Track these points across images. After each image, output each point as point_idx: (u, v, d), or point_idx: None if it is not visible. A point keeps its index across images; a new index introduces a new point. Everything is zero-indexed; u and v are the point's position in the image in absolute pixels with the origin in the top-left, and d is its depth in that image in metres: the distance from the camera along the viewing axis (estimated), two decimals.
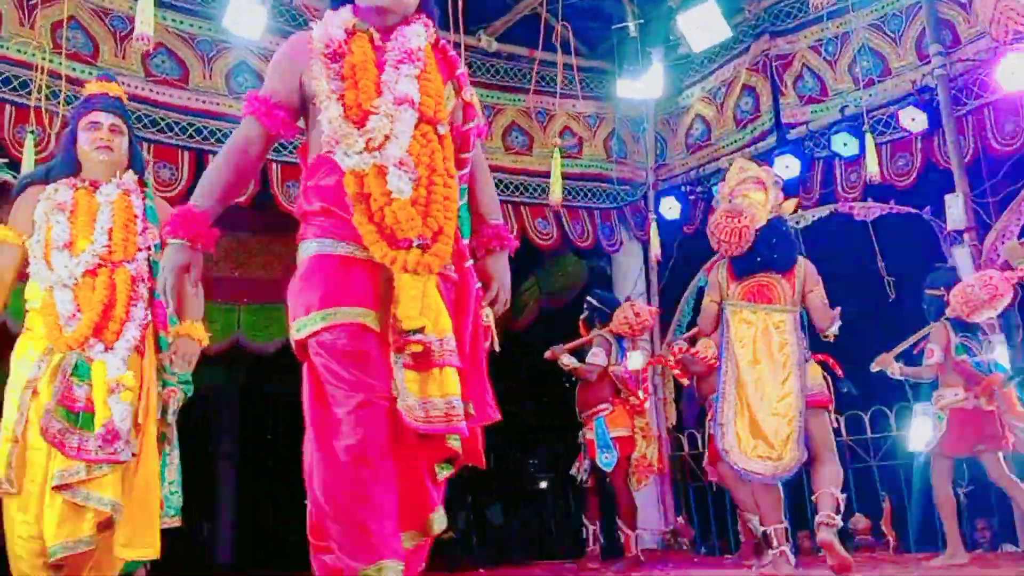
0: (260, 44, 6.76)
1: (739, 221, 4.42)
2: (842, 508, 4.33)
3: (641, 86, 7.86)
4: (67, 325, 3.10)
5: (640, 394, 6.34)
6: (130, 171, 3.37)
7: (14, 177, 4.66)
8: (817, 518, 4.25)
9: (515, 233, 7.80)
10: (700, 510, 7.86)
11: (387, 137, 2.14)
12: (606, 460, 6.02)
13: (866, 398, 6.76)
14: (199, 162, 6.44)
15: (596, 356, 6.25)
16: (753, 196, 4.58)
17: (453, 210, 2.23)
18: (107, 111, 3.33)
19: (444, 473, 2.21)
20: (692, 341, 6.39)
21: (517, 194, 8.01)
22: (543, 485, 12.74)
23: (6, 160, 5.35)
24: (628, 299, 7.11)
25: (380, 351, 2.11)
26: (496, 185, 8.17)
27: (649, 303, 8.60)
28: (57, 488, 2.98)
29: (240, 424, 11.22)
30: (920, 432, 6.40)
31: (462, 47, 6.25)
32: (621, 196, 8.55)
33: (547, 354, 6.42)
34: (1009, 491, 5.12)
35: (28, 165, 4.98)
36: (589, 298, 6.76)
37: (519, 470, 12.67)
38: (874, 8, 7.03)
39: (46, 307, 3.13)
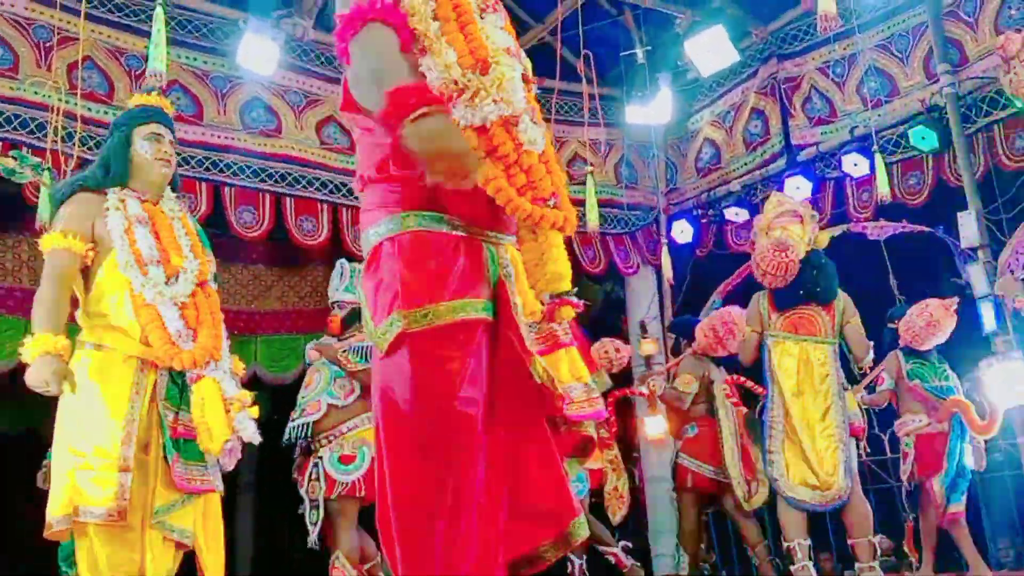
0: (273, 80, 6.85)
1: (787, 255, 4.55)
2: (879, 552, 4.41)
3: (650, 111, 7.91)
4: (183, 342, 2.94)
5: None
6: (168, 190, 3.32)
7: (38, 172, 4.69)
8: (858, 567, 4.31)
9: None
10: (720, 536, 7.80)
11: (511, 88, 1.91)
12: (578, 490, 6.01)
13: (886, 418, 6.73)
14: (216, 193, 6.54)
15: (682, 382, 6.15)
16: (792, 229, 4.70)
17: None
18: (166, 125, 3.28)
19: (574, 470, 2.02)
20: (669, 376, 6.43)
21: None
22: None
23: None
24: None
25: (486, 350, 1.86)
26: None
27: (663, 328, 8.62)
28: (159, 522, 2.86)
29: (259, 456, 11.22)
30: None
31: None
32: (632, 221, 8.58)
33: (637, 381, 6.41)
34: None
35: (44, 205, 5.04)
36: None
37: None
38: (880, 29, 7.07)
39: (152, 324, 2.94)
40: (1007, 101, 6.12)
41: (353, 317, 4.76)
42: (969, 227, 6.34)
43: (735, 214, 7.97)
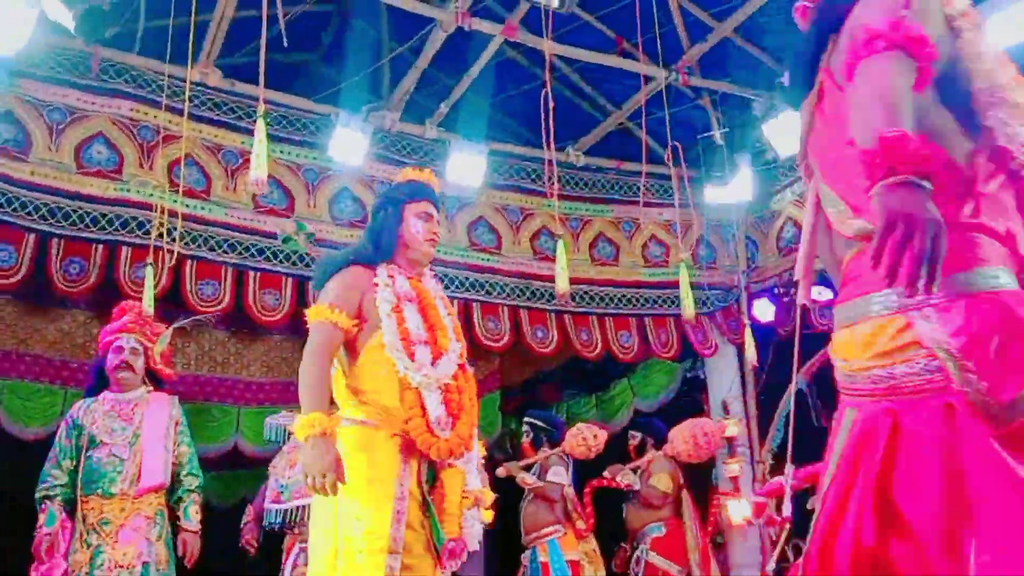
0: (362, 170, 7.10)
1: None
2: None
3: (729, 191, 7.94)
4: (442, 430, 2.81)
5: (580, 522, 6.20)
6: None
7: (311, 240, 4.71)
8: None
9: (599, 347, 7.96)
10: None
11: None
12: None
13: None
14: (301, 289, 6.75)
15: (559, 475, 6.10)
16: None
17: None
18: (435, 203, 3.19)
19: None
20: (635, 470, 6.47)
21: (602, 306, 8.11)
22: None
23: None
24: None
25: None
26: (582, 297, 8.26)
27: (746, 407, 8.51)
28: None
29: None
30: None
31: (553, 162, 6.45)
32: (712, 301, 8.55)
33: (500, 471, 6.20)
34: None
35: (148, 301, 5.26)
36: (530, 419, 6.67)
37: None
38: None
39: (414, 411, 2.80)
40: None
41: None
42: None
43: (818, 292, 7.87)
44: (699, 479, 8.90)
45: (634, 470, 6.50)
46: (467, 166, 7.08)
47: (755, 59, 7.54)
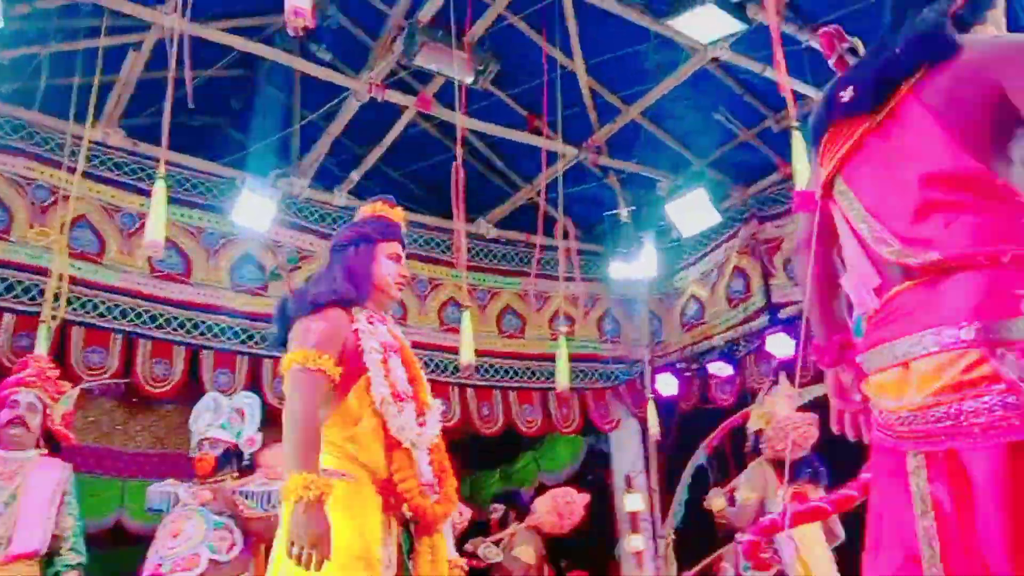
0: (267, 236, 6.96)
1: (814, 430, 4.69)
2: None
3: (634, 268, 8.07)
4: (433, 493, 2.60)
5: None
6: None
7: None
8: None
9: (500, 423, 7.90)
10: None
11: None
12: None
13: None
14: (194, 359, 6.55)
15: (524, 554, 6.17)
16: None
17: None
18: (403, 246, 2.93)
19: None
20: (498, 543, 6.64)
21: (507, 379, 8.07)
22: None
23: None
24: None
25: None
26: (487, 370, 8.21)
27: (648, 481, 8.54)
28: None
29: None
30: None
31: (463, 235, 6.44)
32: (615, 375, 8.61)
33: (468, 546, 6.23)
34: None
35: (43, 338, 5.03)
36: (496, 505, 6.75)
37: None
38: None
39: (406, 471, 2.55)
40: None
41: (227, 458, 4.33)
42: None
43: (719, 368, 8.04)
44: (600, 555, 8.86)
45: (496, 543, 6.43)
46: None
47: (660, 141, 7.76)
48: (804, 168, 5.39)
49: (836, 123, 1.91)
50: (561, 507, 6.20)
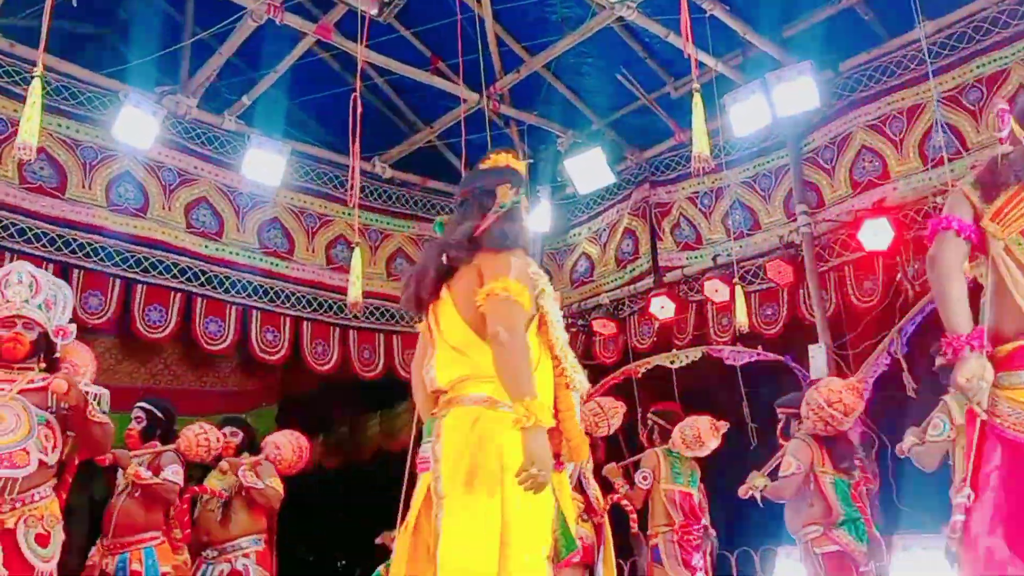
0: (148, 155, 6.68)
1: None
2: None
3: (529, 220, 8.08)
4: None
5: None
6: None
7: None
8: None
9: (380, 367, 7.82)
10: None
11: None
12: None
13: (730, 538, 6.89)
14: (63, 277, 6.19)
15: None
16: None
17: None
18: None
19: None
20: None
21: (391, 323, 8.00)
22: None
23: None
24: None
25: None
26: (372, 313, 8.11)
27: None
28: None
29: None
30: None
31: (356, 170, 6.30)
32: None
33: None
34: None
35: None
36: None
37: None
38: (747, 167, 7.51)
39: (570, 413, 2.64)
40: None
41: (38, 346, 3.78)
42: (818, 359, 6.69)
43: (603, 326, 8.16)
44: None
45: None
46: (265, 163, 6.81)
47: (561, 97, 7.76)
48: (702, 134, 5.49)
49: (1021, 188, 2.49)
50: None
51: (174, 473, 5.04)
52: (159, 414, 5.38)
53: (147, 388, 7.92)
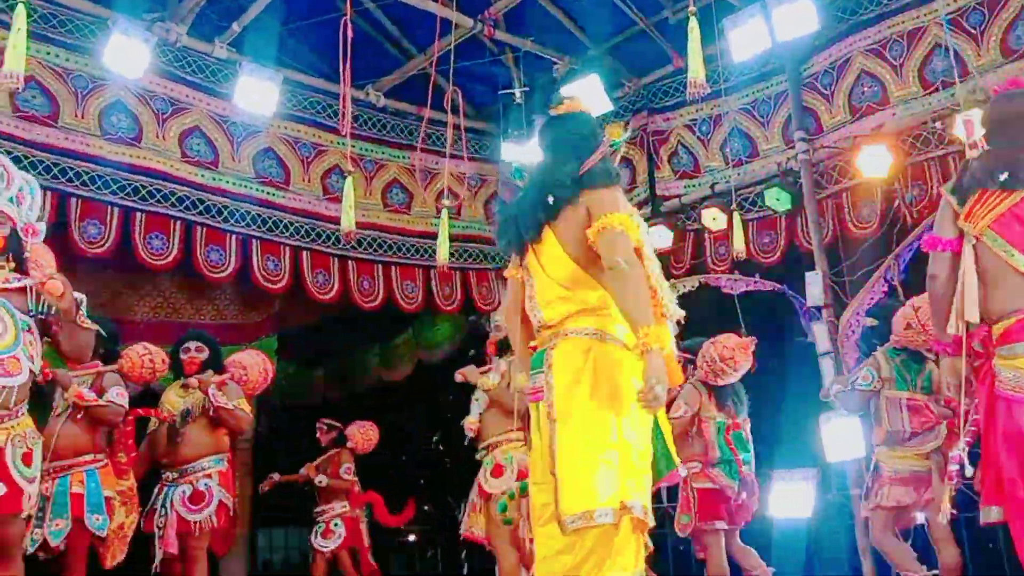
0: (140, 84, 6.59)
1: None
2: None
3: (525, 151, 8.01)
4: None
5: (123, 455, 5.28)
6: None
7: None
8: None
9: (380, 298, 7.81)
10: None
11: None
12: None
13: None
14: (61, 207, 6.21)
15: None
16: None
17: None
18: None
19: None
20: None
21: (389, 254, 7.99)
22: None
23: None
24: None
25: None
26: (371, 244, 8.08)
27: None
28: None
29: None
30: (780, 499, 6.65)
31: (348, 98, 6.23)
32: (499, 257, 8.64)
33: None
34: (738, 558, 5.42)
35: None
36: None
37: None
38: (745, 93, 7.42)
39: (665, 339, 2.73)
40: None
41: (9, 241, 3.52)
42: (815, 287, 6.70)
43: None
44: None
45: None
46: (258, 92, 6.70)
47: (559, 22, 7.63)
48: (698, 60, 5.42)
49: (985, 191, 2.94)
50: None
51: (118, 395, 4.82)
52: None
53: (146, 322, 7.98)
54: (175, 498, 5.19)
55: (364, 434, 7.74)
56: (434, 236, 8.13)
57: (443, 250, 6.61)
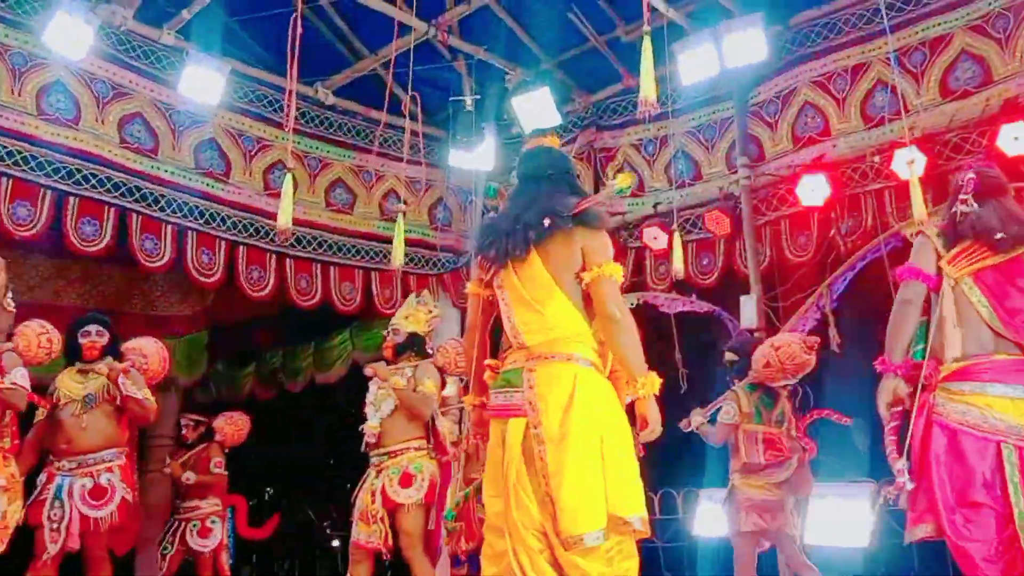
0: (81, 66, 6.42)
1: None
2: None
3: (473, 158, 8.02)
4: None
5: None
6: None
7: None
8: None
9: (317, 296, 7.69)
10: None
11: None
12: None
13: (654, 480, 7.06)
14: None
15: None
16: None
17: None
18: None
19: None
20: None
21: (328, 253, 7.89)
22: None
23: None
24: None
25: None
26: (310, 242, 7.97)
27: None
28: None
29: None
30: (705, 517, 6.75)
31: (294, 93, 6.14)
32: (441, 263, 8.62)
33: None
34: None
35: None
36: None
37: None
38: (693, 117, 7.54)
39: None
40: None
41: None
42: (749, 309, 6.83)
43: None
44: None
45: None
46: (203, 81, 6.58)
47: (513, 33, 7.66)
48: (649, 79, 5.47)
49: (975, 243, 3.26)
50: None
51: (22, 376, 4.55)
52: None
53: (74, 307, 7.75)
54: (75, 492, 4.82)
55: (234, 425, 7.35)
56: (377, 238, 8.13)
57: (398, 253, 6.56)
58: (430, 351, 5.42)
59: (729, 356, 5.67)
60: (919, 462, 3.19)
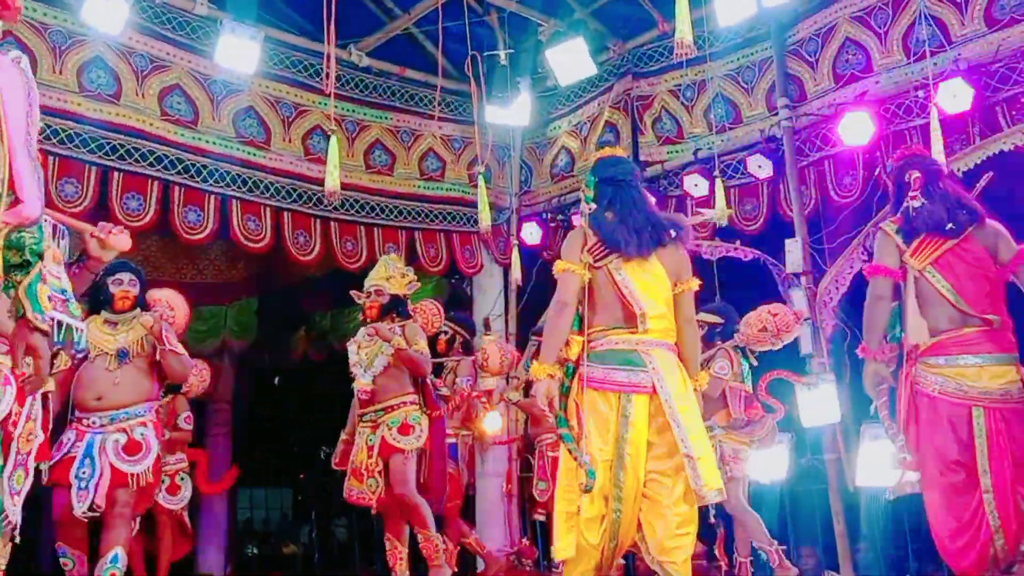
0: (119, 40, 6.50)
1: None
2: None
3: (509, 113, 7.99)
4: None
5: None
6: None
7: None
8: None
9: (363, 258, 7.76)
10: (544, 532, 7.99)
11: None
12: None
13: None
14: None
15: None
16: None
17: None
18: None
19: None
20: (528, 385, 6.56)
21: (371, 215, 7.95)
22: None
23: None
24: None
25: None
26: (352, 205, 8.07)
27: (507, 326, 8.73)
28: None
29: None
30: None
31: (332, 58, 6.18)
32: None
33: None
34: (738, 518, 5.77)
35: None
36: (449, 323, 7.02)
37: None
38: (730, 59, 7.40)
39: None
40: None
41: None
42: (795, 253, 6.74)
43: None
44: None
45: None
46: (239, 50, 6.63)
47: None
48: (685, 20, 5.40)
49: (929, 235, 3.81)
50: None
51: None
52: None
53: None
54: (108, 448, 4.46)
55: (198, 376, 6.98)
56: (418, 198, 8.20)
57: (484, 214, 6.80)
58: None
59: (710, 317, 5.95)
60: (906, 427, 3.78)
